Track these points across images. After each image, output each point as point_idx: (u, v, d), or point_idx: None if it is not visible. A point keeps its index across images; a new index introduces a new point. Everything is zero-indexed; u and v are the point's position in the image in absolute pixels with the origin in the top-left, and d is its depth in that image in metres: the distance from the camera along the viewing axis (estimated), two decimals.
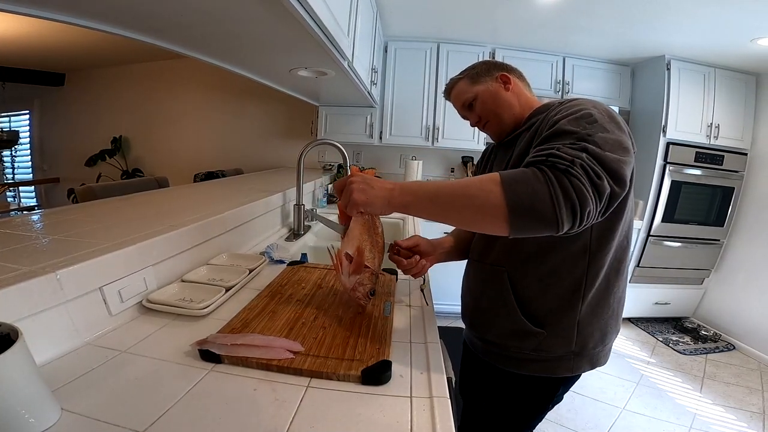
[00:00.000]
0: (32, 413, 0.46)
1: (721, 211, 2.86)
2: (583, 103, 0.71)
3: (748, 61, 2.55)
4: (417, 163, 3.02)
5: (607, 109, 0.70)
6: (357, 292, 0.78)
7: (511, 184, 0.56)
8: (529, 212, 0.55)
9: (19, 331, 0.46)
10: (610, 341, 0.88)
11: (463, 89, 0.96)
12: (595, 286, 0.79)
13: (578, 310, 0.80)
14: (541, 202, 0.55)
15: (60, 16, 0.96)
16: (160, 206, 1.22)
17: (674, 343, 2.79)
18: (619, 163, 0.59)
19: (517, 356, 0.85)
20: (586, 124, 0.64)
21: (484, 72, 0.94)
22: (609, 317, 0.84)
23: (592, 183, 0.56)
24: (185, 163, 3.58)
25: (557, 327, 0.81)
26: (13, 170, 4.20)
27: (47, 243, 0.78)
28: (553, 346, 0.82)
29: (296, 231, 1.58)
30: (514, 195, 0.56)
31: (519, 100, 0.92)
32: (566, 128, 0.64)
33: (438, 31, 2.64)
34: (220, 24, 1.07)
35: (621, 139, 0.63)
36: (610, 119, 0.67)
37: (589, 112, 0.66)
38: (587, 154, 0.58)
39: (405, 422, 0.51)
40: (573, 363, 0.83)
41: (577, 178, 0.55)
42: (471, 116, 0.99)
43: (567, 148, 0.59)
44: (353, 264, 0.78)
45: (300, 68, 1.60)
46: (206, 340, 0.65)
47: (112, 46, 2.99)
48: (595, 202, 0.56)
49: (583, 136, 0.61)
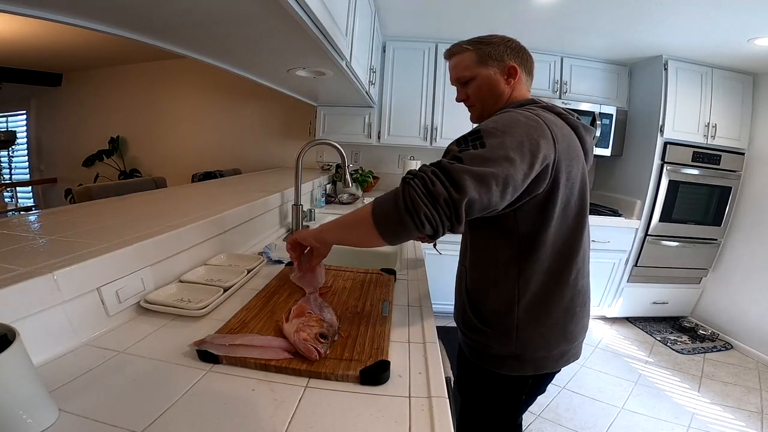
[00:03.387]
0: (30, 414, 0.46)
1: (718, 211, 2.87)
2: (499, 117, 0.77)
3: (745, 61, 2.56)
4: (415, 163, 3.01)
5: (513, 120, 0.74)
6: (301, 333, 0.65)
7: (377, 200, 0.71)
8: (384, 219, 0.68)
9: (16, 332, 0.46)
10: (557, 350, 0.89)
11: (466, 64, 0.91)
12: (529, 292, 0.84)
13: (515, 314, 0.85)
14: (389, 211, 0.67)
15: (57, 16, 0.95)
16: (158, 206, 1.22)
17: (672, 343, 2.80)
18: (463, 173, 0.65)
19: (477, 348, 0.94)
20: (468, 140, 0.72)
21: (496, 55, 0.88)
22: (552, 326, 0.86)
23: (425, 189, 0.65)
24: (183, 164, 3.57)
25: (499, 328, 0.88)
26: (11, 170, 4.18)
27: (44, 243, 0.78)
28: (496, 345, 0.89)
29: (294, 231, 1.58)
30: (376, 208, 0.70)
31: (510, 95, 0.90)
32: (449, 146, 0.75)
33: (436, 31, 2.64)
34: (217, 24, 1.07)
35: (495, 153, 0.68)
36: (503, 131, 0.71)
37: (480, 128, 0.73)
38: (435, 167, 0.68)
39: (403, 422, 0.51)
40: (515, 364, 0.89)
41: (413, 187, 0.66)
42: (459, 91, 0.96)
43: (425, 165, 0.70)
44: (295, 309, 0.76)
45: (298, 68, 1.60)
46: (204, 340, 0.65)
47: (109, 46, 2.98)
48: (431, 205, 0.65)
49: (454, 154, 0.70)
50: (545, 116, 0.79)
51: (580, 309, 0.90)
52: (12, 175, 4.19)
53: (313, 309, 0.76)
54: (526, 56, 0.91)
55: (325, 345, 0.65)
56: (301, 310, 0.74)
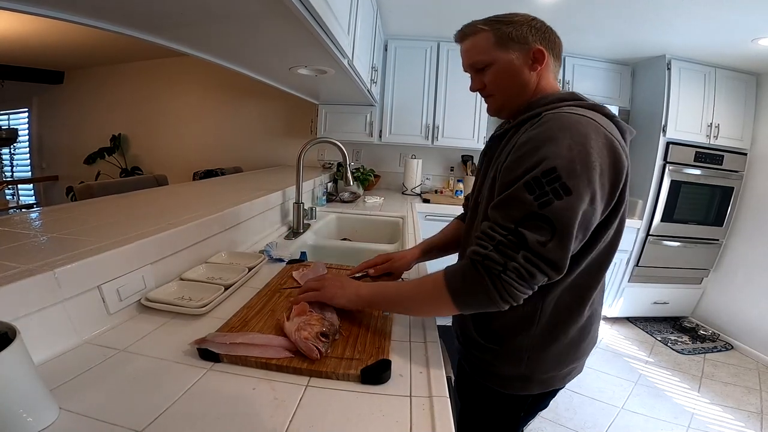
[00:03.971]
0: (30, 412, 0.46)
1: (720, 211, 2.86)
2: (553, 137, 0.62)
3: (748, 61, 2.55)
4: (417, 162, 3.02)
5: (583, 139, 0.62)
6: (302, 332, 0.65)
7: (456, 292, 0.66)
8: (473, 307, 0.66)
9: (16, 330, 0.46)
10: (567, 367, 0.83)
11: (482, 47, 0.77)
12: (550, 310, 0.76)
13: (531, 333, 0.77)
14: (481, 302, 0.64)
15: (59, 13, 0.95)
16: (159, 204, 1.22)
17: (673, 343, 2.79)
18: (560, 250, 0.60)
19: (480, 366, 0.87)
20: (542, 183, 0.60)
21: (518, 37, 0.74)
22: (566, 345, 0.79)
23: (524, 281, 0.61)
24: (184, 162, 3.57)
25: (509, 347, 0.80)
26: (12, 168, 4.18)
27: (45, 241, 0.77)
28: (502, 365, 0.82)
29: (295, 229, 1.58)
30: (458, 298, 0.66)
31: (537, 84, 0.77)
32: (518, 196, 0.62)
33: (438, 29, 2.63)
34: (219, 22, 1.06)
35: (582, 202, 0.60)
36: (583, 163, 0.60)
37: (554, 164, 0.60)
38: (524, 249, 0.61)
39: (404, 422, 0.51)
40: (521, 384, 0.82)
41: (509, 284, 0.61)
42: (475, 80, 0.82)
43: (504, 248, 0.62)
44: (296, 308, 0.74)
45: (300, 66, 1.59)
46: (205, 338, 0.65)
47: (111, 44, 2.97)
48: (529, 289, 0.63)
49: (532, 212, 0.61)
50: (605, 124, 0.66)
51: (595, 325, 0.84)
52: (14, 173, 4.19)
53: (315, 308, 0.76)
54: (553, 38, 0.77)
55: (326, 344, 0.65)
56: (302, 309, 0.74)
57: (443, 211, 2.68)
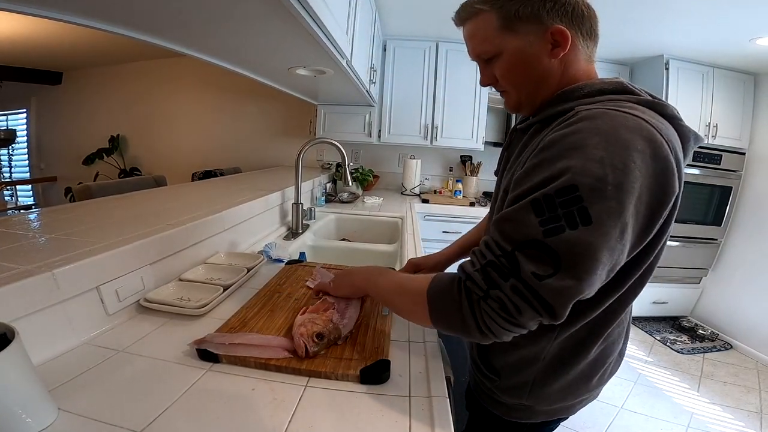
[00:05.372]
0: (29, 413, 0.46)
1: (718, 211, 2.87)
2: (581, 144, 0.48)
3: (746, 61, 2.55)
4: (415, 162, 3.02)
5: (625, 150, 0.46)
6: (302, 327, 0.64)
7: (433, 306, 0.56)
8: (448, 329, 0.56)
9: (15, 331, 0.46)
10: (576, 399, 0.74)
11: (484, 33, 0.62)
12: (558, 347, 0.66)
13: (533, 370, 0.69)
14: (454, 326, 0.54)
15: (58, 14, 0.95)
16: (158, 205, 1.22)
17: (672, 342, 2.80)
18: (561, 296, 0.46)
19: (482, 389, 0.80)
20: (556, 204, 0.47)
21: (529, 14, 0.58)
22: (575, 378, 0.69)
23: (507, 315, 0.49)
24: (183, 162, 3.57)
25: (509, 381, 0.73)
26: (11, 169, 4.18)
27: (44, 242, 0.77)
28: (503, 395, 0.75)
29: (295, 230, 1.58)
30: (434, 313, 0.56)
31: (564, 74, 0.62)
32: (522, 217, 0.49)
33: (437, 30, 2.63)
34: (218, 22, 1.06)
35: (605, 237, 0.45)
36: (617, 185, 0.45)
37: (576, 181, 0.46)
38: (514, 281, 0.47)
39: (404, 422, 0.51)
40: (524, 414, 0.75)
41: (487, 313, 0.50)
42: (483, 73, 0.68)
43: (491, 271, 0.49)
44: (319, 304, 0.75)
45: (299, 67, 1.59)
46: (204, 339, 0.65)
47: (110, 44, 2.97)
48: (517, 327, 0.50)
49: (534, 240, 0.47)
50: (663, 130, 0.50)
51: (612, 357, 0.72)
52: (12, 174, 4.19)
53: (338, 306, 0.76)
54: (579, 10, 0.60)
55: (318, 345, 0.63)
56: (317, 308, 0.74)
57: (442, 212, 2.68)
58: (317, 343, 0.63)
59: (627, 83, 0.58)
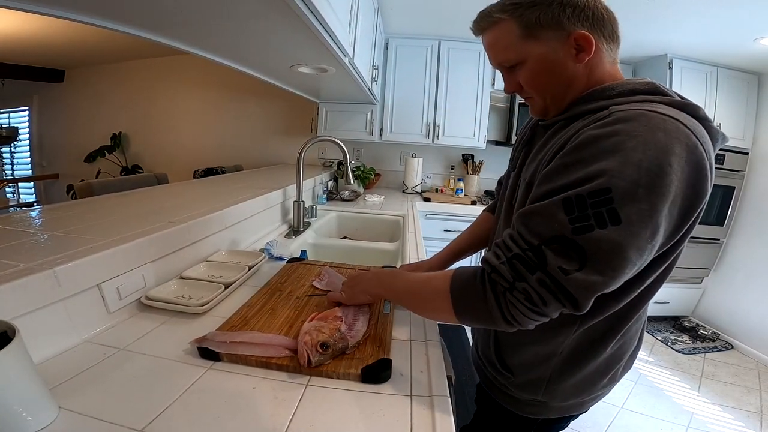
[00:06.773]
0: (29, 411, 0.45)
1: (721, 211, 2.86)
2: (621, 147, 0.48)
3: (750, 61, 2.54)
4: (417, 161, 3.01)
5: (662, 154, 0.47)
6: (307, 336, 0.63)
7: (457, 299, 0.59)
8: (474, 321, 0.59)
9: (16, 329, 0.46)
10: (591, 395, 0.75)
11: (506, 41, 0.62)
12: (574, 343, 0.68)
13: (549, 366, 0.71)
14: (480, 318, 0.57)
15: (60, 12, 0.95)
16: (159, 203, 1.22)
17: (673, 342, 2.79)
18: (586, 290, 0.48)
19: (495, 384, 0.82)
20: (587, 203, 0.48)
21: (549, 21, 0.58)
22: (591, 373, 0.71)
23: (533, 305, 0.51)
24: (185, 160, 3.57)
25: (523, 377, 0.75)
26: (12, 166, 4.19)
27: (45, 239, 0.77)
28: (517, 391, 0.77)
29: (296, 228, 1.58)
30: (459, 306, 0.59)
31: (590, 77, 0.62)
32: (552, 213, 0.50)
33: (439, 28, 2.63)
34: (220, 20, 1.06)
35: (635, 238, 0.47)
36: (649, 187, 0.46)
37: (607, 186, 0.47)
38: (540, 273, 0.50)
39: (405, 421, 0.51)
40: (537, 409, 0.77)
41: (513, 304, 0.52)
42: (507, 80, 0.68)
43: (518, 264, 0.52)
44: (327, 313, 0.73)
45: (300, 65, 1.59)
46: (205, 337, 0.65)
47: (111, 42, 2.97)
48: (541, 316, 0.53)
49: (562, 236, 0.49)
50: (699, 133, 0.52)
51: (629, 353, 0.75)
52: (14, 171, 4.20)
53: (348, 315, 0.74)
54: (599, 13, 0.59)
55: (322, 355, 0.60)
56: (325, 315, 0.72)
57: (444, 210, 2.68)
58: (321, 353, 0.60)
59: (658, 84, 0.59)
